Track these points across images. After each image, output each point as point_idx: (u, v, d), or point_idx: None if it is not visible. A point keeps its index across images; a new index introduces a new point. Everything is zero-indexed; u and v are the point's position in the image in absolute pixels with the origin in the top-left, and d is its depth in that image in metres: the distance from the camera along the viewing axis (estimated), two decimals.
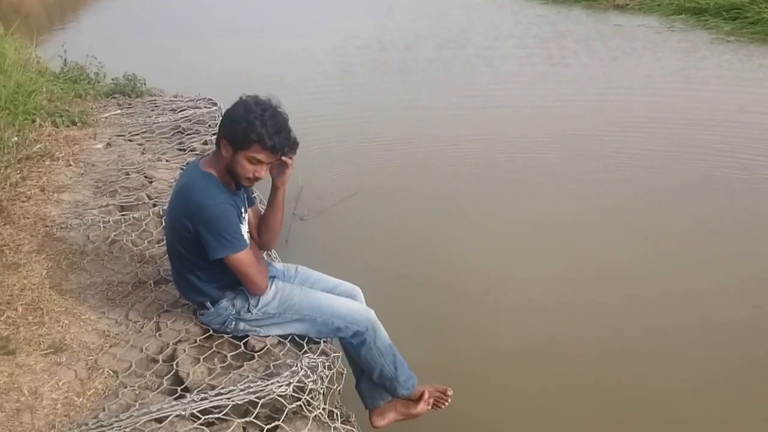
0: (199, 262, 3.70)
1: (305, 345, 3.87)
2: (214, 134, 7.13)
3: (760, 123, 10.06)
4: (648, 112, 10.73)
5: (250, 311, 3.84)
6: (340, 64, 14.37)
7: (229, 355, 3.81)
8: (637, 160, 8.80)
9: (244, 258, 3.64)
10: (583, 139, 9.55)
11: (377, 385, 4.08)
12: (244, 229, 3.80)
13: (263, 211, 4.18)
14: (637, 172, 8.45)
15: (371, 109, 11.29)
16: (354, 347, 3.90)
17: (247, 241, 3.79)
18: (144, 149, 7.11)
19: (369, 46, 15.84)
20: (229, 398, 3.43)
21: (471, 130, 10.08)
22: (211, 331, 3.98)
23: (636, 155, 8.95)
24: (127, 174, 6.34)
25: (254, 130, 3.47)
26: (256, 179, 3.68)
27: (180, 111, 8.26)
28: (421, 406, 4.12)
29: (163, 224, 5.19)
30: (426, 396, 4.12)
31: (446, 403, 4.19)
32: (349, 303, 4.01)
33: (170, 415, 3.34)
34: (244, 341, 3.90)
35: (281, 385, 3.49)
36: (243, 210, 3.85)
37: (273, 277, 3.97)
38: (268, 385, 3.50)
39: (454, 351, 5.36)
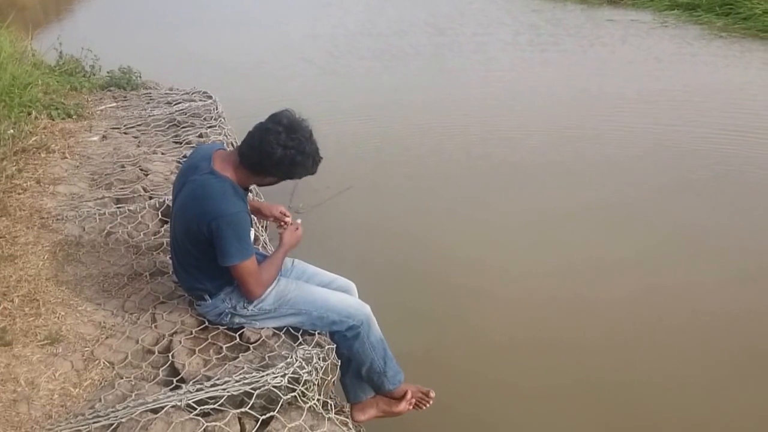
0: (207, 260, 3.73)
1: (300, 337, 3.88)
2: (209, 127, 7.16)
3: (752, 112, 10.16)
4: (638, 101, 10.85)
5: (245, 307, 3.87)
6: (333, 55, 14.43)
7: (224, 346, 3.83)
8: (630, 150, 8.88)
9: (248, 266, 3.68)
10: (576, 130, 9.59)
11: (362, 380, 4.12)
12: (252, 231, 3.85)
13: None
14: (630, 161, 8.53)
15: (365, 103, 11.29)
16: (347, 340, 3.92)
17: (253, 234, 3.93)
18: (139, 142, 7.11)
19: (361, 37, 15.99)
20: (224, 389, 3.45)
21: (465, 123, 10.14)
22: (207, 323, 4.00)
23: (629, 145, 9.02)
24: (123, 166, 6.35)
25: (306, 171, 3.83)
26: None
27: (175, 104, 8.26)
28: (403, 405, 4.15)
29: (160, 216, 5.23)
30: (408, 396, 4.15)
31: (428, 405, 4.22)
32: (344, 297, 4.04)
33: (166, 405, 3.36)
34: (239, 333, 3.93)
35: (276, 377, 3.51)
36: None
37: None
38: (263, 376, 3.52)
39: (447, 344, 5.41)
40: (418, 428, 4.52)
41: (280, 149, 3.60)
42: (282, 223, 4.26)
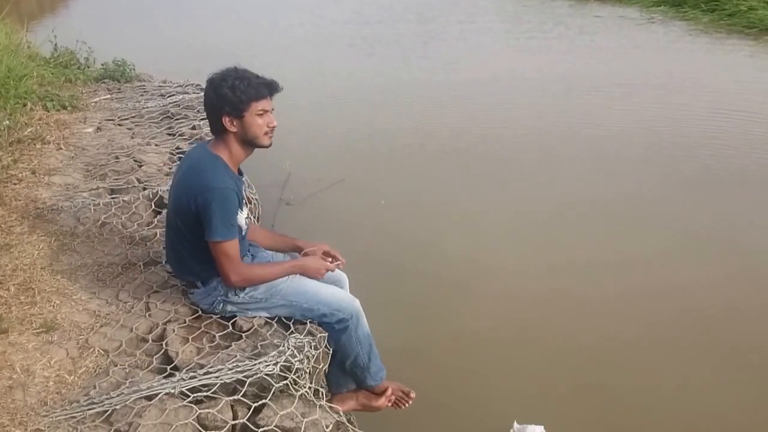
0: (196, 241, 3.77)
1: (292, 326, 3.92)
2: (202, 119, 7.20)
3: (739, 101, 10.29)
4: (625, 92, 10.97)
5: (237, 294, 3.91)
6: (322, 44, 14.60)
7: (217, 335, 3.87)
8: (621, 141, 8.93)
9: (227, 247, 3.70)
10: (568, 127, 9.59)
11: (345, 373, 4.17)
12: (243, 215, 3.90)
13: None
14: (621, 153, 8.57)
15: (358, 96, 11.34)
16: (335, 332, 3.96)
17: (246, 227, 3.97)
18: (133, 133, 7.15)
19: (352, 28, 16.06)
20: (217, 377, 3.50)
21: (458, 117, 10.16)
22: (200, 312, 4.05)
23: (620, 137, 9.07)
24: (117, 158, 6.39)
25: (243, 92, 3.70)
26: (272, 129, 3.86)
27: (169, 96, 8.30)
28: (382, 401, 4.22)
29: (153, 207, 5.28)
30: (389, 392, 4.22)
31: (407, 405, 4.29)
32: (334, 290, 4.07)
33: (160, 393, 3.41)
34: (232, 322, 3.96)
35: (268, 365, 3.56)
36: (244, 194, 3.95)
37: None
38: (255, 364, 3.57)
39: (434, 340, 5.40)
40: (403, 422, 4.53)
41: (213, 88, 3.72)
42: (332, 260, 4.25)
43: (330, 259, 4.22)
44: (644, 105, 10.23)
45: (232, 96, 3.67)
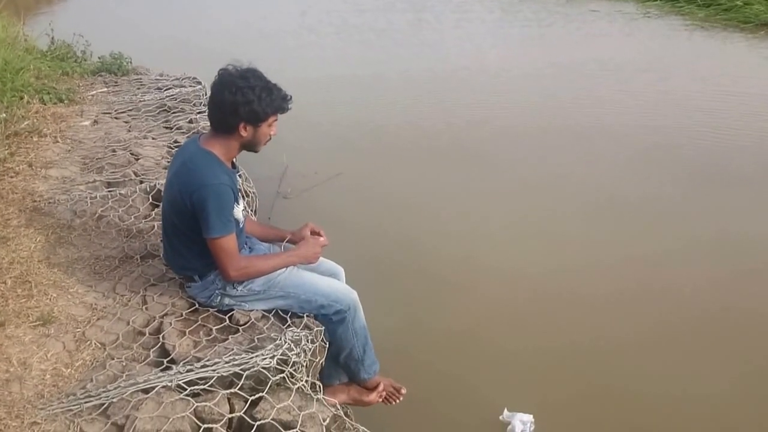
0: (193, 236, 3.78)
1: (289, 319, 3.93)
2: (199, 113, 7.19)
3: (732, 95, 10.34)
4: (620, 85, 11.06)
5: (235, 288, 3.91)
6: (320, 35, 14.69)
7: (214, 328, 3.87)
8: (621, 137, 8.93)
9: (224, 243, 3.70)
10: (565, 120, 9.60)
11: (338, 365, 4.19)
12: (240, 208, 3.90)
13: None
14: (621, 150, 8.56)
15: (357, 90, 11.33)
16: (332, 324, 3.97)
17: (243, 219, 3.96)
18: (130, 127, 7.14)
19: (347, 20, 16.11)
20: (214, 370, 3.50)
21: (457, 114, 10.13)
22: (197, 305, 4.05)
23: (620, 132, 9.08)
24: (114, 151, 6.39)
25: (269, 104, 3.71)
26: (272, 137, 3.89)
27: (165, 90, 8.30)
28: (373, 396, 4.24)
29: (150, 200, 5.28)
30: (380, 388, 4.25)
31: (398, 401, 4.32)
32: (332, 282, 4.08)
33: (156, 386, 3.41)
34: (229, 315, 3.98)
35: (265, 358, 3.57)
36: (238, 188, 3.95)
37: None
38: (252, 357, 3.58)
39: (427, 337, 5.40)
40: (396, 411, 4.50)
41: (235, 94, 3.64)
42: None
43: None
44: (641, 95, 10.27)
45: (257, 106, 3.66)
